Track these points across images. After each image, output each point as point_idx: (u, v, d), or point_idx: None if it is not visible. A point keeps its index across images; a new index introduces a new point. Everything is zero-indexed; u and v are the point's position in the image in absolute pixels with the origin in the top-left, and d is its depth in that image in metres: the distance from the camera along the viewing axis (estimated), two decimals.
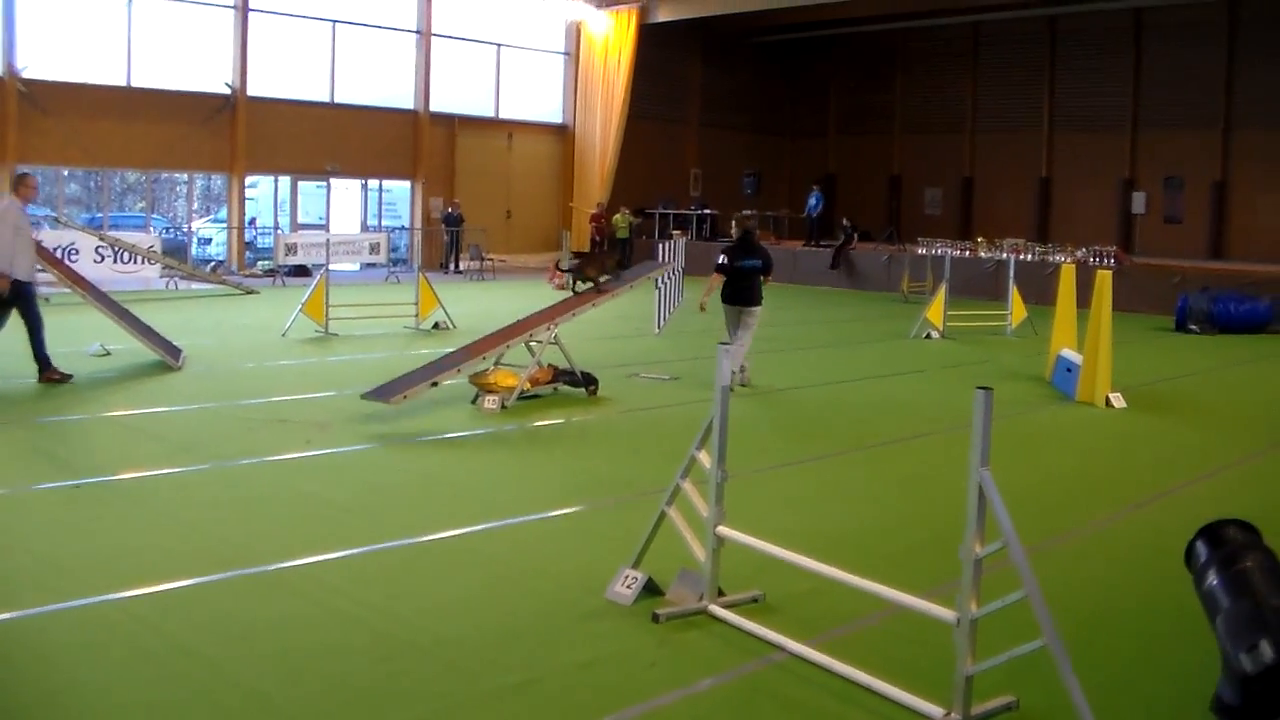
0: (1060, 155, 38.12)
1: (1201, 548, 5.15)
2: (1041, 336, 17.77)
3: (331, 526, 7.54)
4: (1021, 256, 27.00)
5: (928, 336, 19.42)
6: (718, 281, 13.84)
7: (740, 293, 13.78)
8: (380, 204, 35.93)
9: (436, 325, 18.64)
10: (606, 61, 38.08)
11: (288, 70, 32.94)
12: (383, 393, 11.03)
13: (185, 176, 34.07)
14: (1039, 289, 22.99)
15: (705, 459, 6.05)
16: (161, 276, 26.51)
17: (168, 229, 33.90)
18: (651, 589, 6.19)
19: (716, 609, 5.96)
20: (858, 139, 43.28)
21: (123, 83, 30.26)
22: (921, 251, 29.36)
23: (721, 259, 13.79)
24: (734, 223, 14.98)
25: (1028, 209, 38.25)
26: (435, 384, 11.25)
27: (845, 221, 33.79)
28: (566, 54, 39.30)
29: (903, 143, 42.14)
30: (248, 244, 33.00)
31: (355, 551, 6.96)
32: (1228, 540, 5.08)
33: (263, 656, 5.40)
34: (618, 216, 34.96)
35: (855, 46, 42.52)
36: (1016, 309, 20.30)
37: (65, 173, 32.07)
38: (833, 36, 41.69)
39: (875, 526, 8.00)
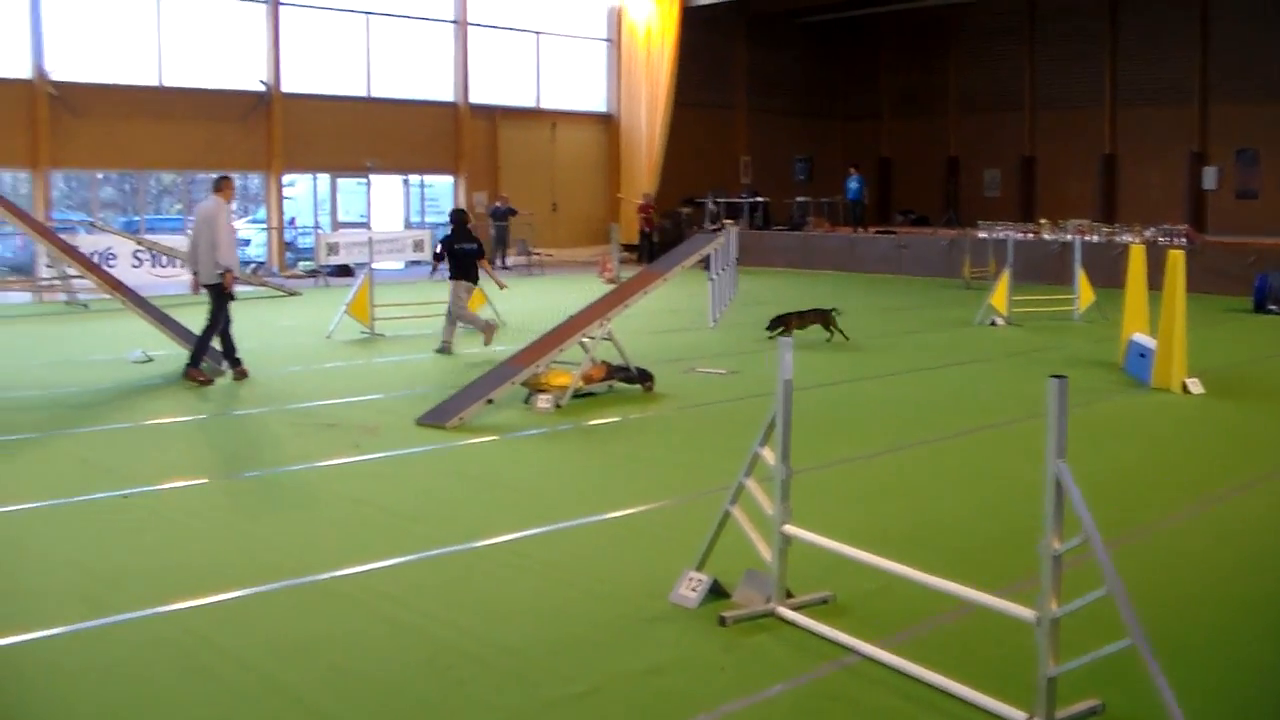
0: (1125, 130, 37.75)
1: None
2: (1111, 321, 17.61)
3: (385, 533, 7.58)
4: (1087, 238, 26.73)
5: (992, 323, 19.29)
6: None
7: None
8: (422, 200, 36.08)
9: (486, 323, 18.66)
10: (649, 47, 38.04)
11: (323, 65, 33.14)
12: (438, 415, 11.04)
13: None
14: (1107, 271, 22.74)
15: (769, 455, 6.03)
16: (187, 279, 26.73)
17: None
18: (717, 591, 6.18)
19: (785, 611, 5.95)
20: (912, 120, 43.10)
21: (155, 82, 30.53)
22: (983, 235, 29.14)
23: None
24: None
25: (1092, 188, 37.93)
26: (491, 400, 11.26)
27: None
28: (609, 40, 39.31)
29: (959, 123, 41.89)
30: (288, 244, 33.21)
31: (410, 559, 6.99)
32: None
33: (319, 669, 5.43)
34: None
35: (905, 24, 42.29)
36: (1084, 293, 20.12)
37: (99, 176, 32.35)
38: (882, 14, 41.49)
39: (944, 522, 7.95)
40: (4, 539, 7.54)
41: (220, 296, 13.59)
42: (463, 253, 16.48)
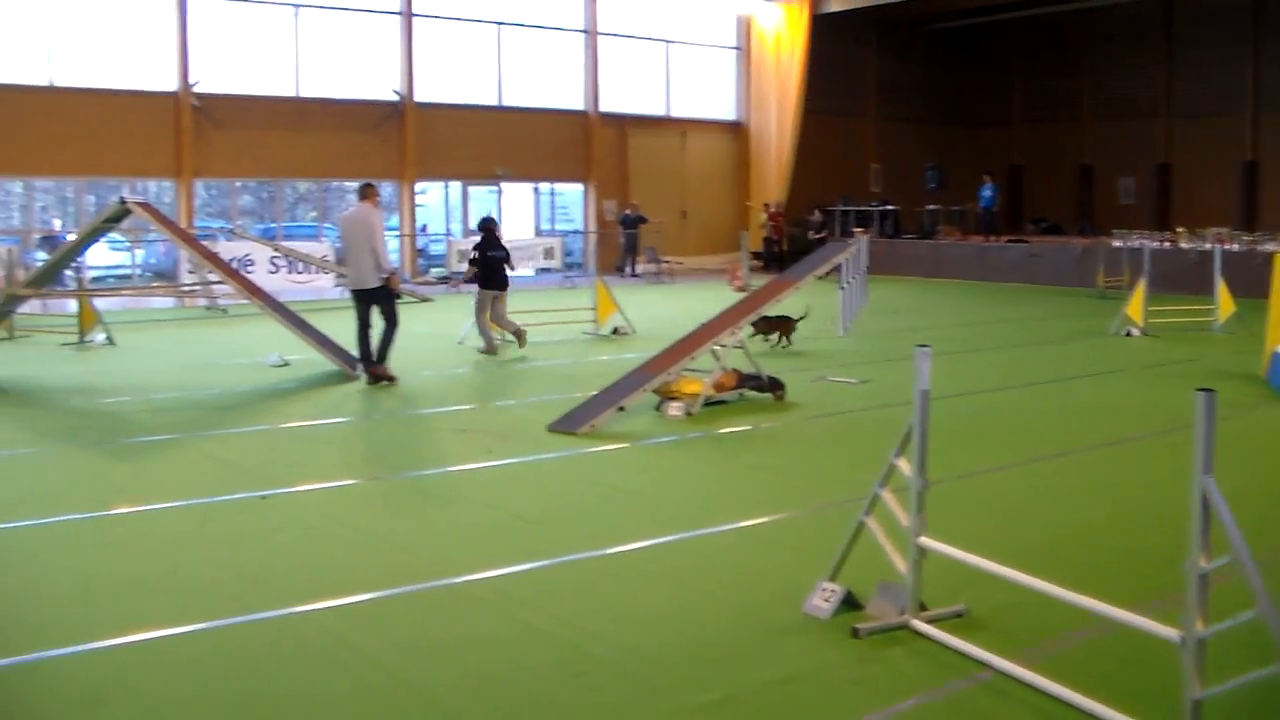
0: (1268, 136, 36.69)
1: None
2: (1254, 332, 17.11)
3: (517, 538, 7.63)
4: (1227, 246, 26.04)
5: (1128, 334, 18.86)
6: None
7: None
8: (553, 208, 36.35)
9: (616, 330, 18.78)
10: (779, 55, 37.93)
11: (455, 75, 33.55)
12: (569, 423, 11.09)
13: (354, 185, 34.89)
14: (1248, 281, 22.10)
15: (905, 467, 5.96)
16: (335, 286, 27.17)
17: (340, 238, 34.70)
18: (850, 602, 6.12)
19: (919, 624, 5.86)
20: (1044, 127, 42.37)
21: (292, 93, 31.16)
22: (1117, 244, 28.56)
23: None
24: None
25: (1232, 195, 36.87)
26: (622, 408, 11.28)
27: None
28: (738, 49, 39.27)
29: (1093, 129, 41.08)
30: (420, 251, 33.67)
31: (542, 564, 7.02)
32: None
33: (452, 671, 5.48)
34: (763, 215, 34.78)
35: (1038, 29, 41.55)
36: (1224, 303, 19.57)
37: (238, 184, 33.09)
38: (1013, 20, 40.79)
39: (1081, 537, 7.77)
40: (150, 537, 7.74)
41: (389, 297, 14.13)
42: (494, 260, 16.96)
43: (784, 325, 17.10)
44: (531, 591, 6.55)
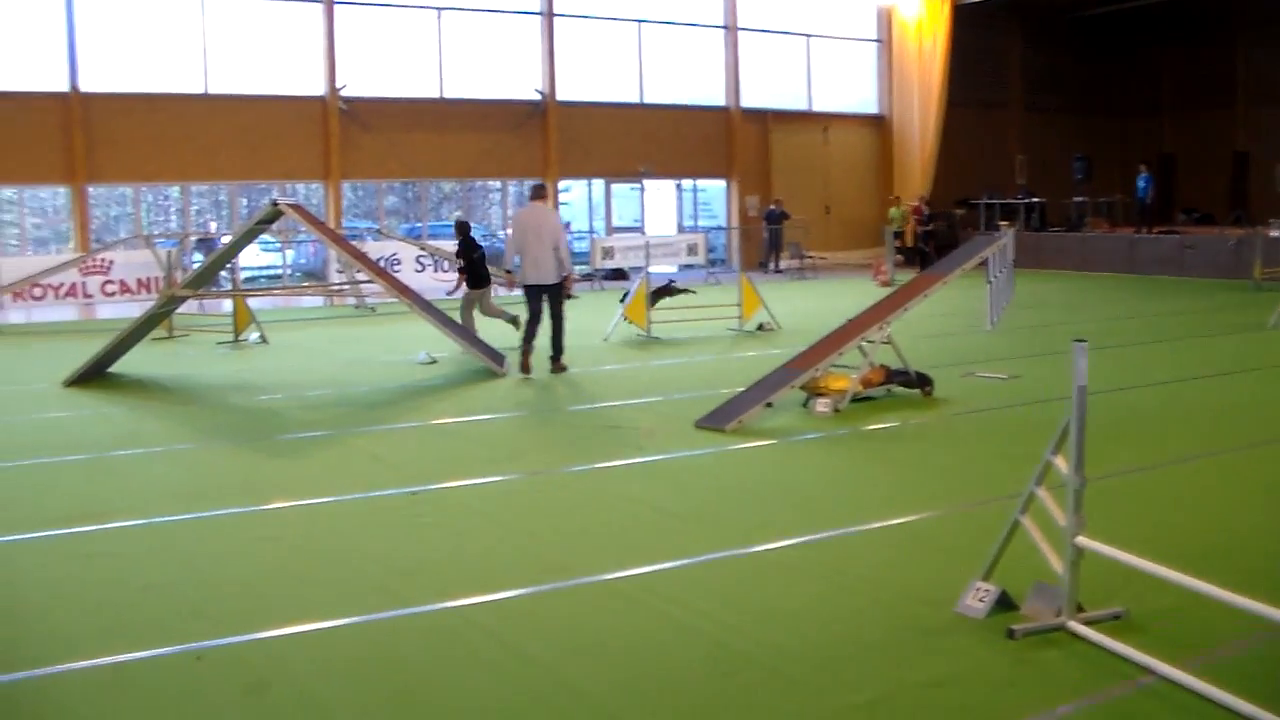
0: None
1: None
2: None
3: (666, 534, 7.64)
4: None
5: None
6: None
7: None
8: (695, 204, 36.35)
9: (761, 326, 18.70)
10: (920, 46, 37.42)
11: (596, 73, 33.71)
12: (717, 419, 11.05)
13: (499, 184, 35.27)
14: None
15: (1061, 464, 5.82)
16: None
17: (484, 237, 35.15)
18: (1004, 603, 5.99)
19: (1076, 626, 5.72)
20: (1195, 115, 41.13)
21: (435, 95, 31.59)
22: (1275, 234, 27.65)
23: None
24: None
25: None
26: (770, 405, 11.23)
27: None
28: (879, 41, 38.86)
29: (1248, 116, 39.76)
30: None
31: (691, 561, 7.01)
32: None
33: (604, 667, 5.49)
34: (892, 210, 34.33)
35: (1188, 14, 40.19)
36: None
37: (384, 185, 33.63)
38: (1162, 4, 39.63)
39: (1243, 538, 7.51)
40: (306, 531, 7.90)
41: (562, 294, 14.66)
42: (478, 259, 17.48)
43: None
44: (681, 588, 6.54)
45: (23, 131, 27.88)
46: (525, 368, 14.42)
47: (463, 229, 17.87)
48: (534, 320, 14.62)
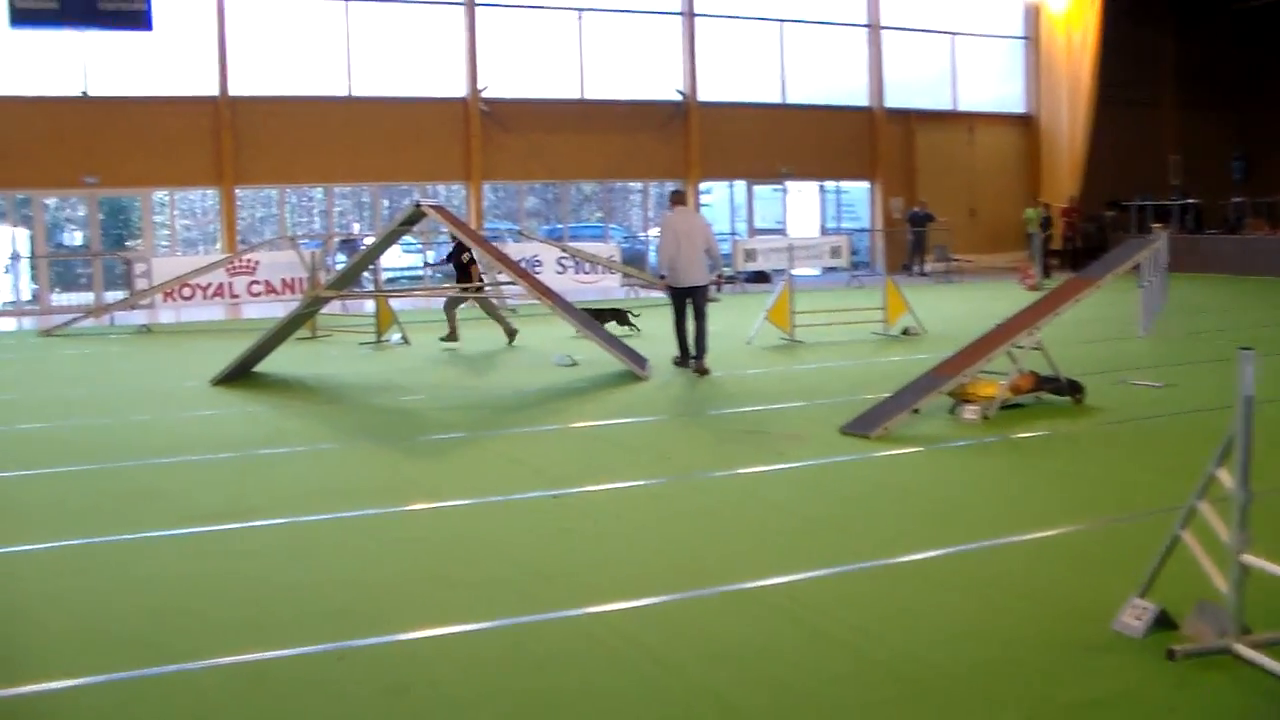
0: None
1: None
2: None
3: (810, 542, 7.54)
4: None
5: None
6: None
7: None
8: (838, 206, 36.09)
9: (906, 331, 18.49)
10: (1070, 43, 36.67)
11: (738, 73, 33.66)
12: (863, 425, 10.91)
13: (640, 185, 35.37)
14: None
15: (1225, 478, 5.61)
16: (622, 286, 27.59)
17: (626, 238, 35.27)
18: (1163, 622, 5.78)
19: (1243, 649, 5.48)
20: None
21: (576, 96, 31.79)
22: None
23: None
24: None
25: None
26: (916, 411, 11.07)
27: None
28: (1026, 38, 38.20)
29: None
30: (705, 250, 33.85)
31: (835, 570, 6.91)
32: None
33: (746, 676, 5.41)
34: (1028, 210, 33.61)
35: None
36: None
37: (524, 186, 33.91)
38: None
39: None
40: (446, 533, 7.96)
41: (705, 296, 15.04)
42: (470, 260, 18.60)
43: (618, 316, 18.99)
44: (824, 598, 6.44)
45: (175, 135, 28.73)
46: (702, 370, 14.89)
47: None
48: (681, 320, 15.06)
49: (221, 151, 29.03)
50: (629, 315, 19.29)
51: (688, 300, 14.96)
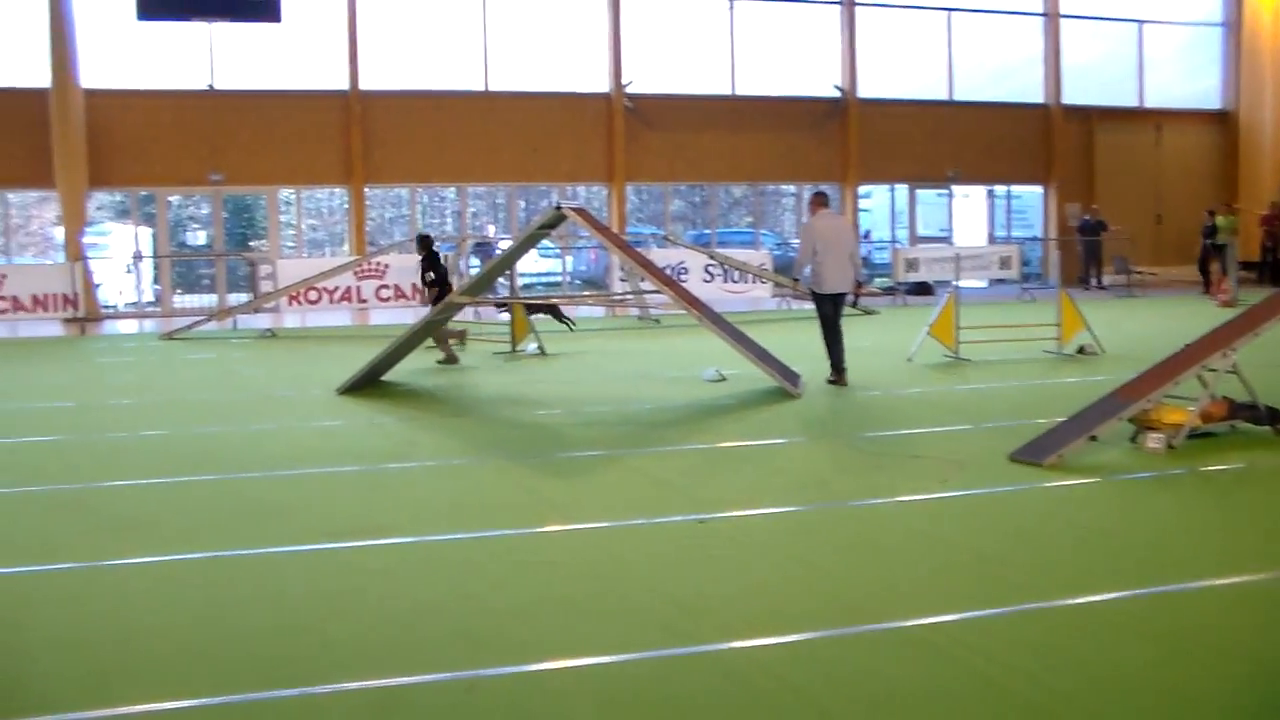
0: None
1: None
2: None
3: (974, 579, 7.43)
4: None
5: None
6: None
7: None
8: (1008, 212, 35.62)
9: (1082, 349, 18.14)
10: (1277, 28, 35.67)
11: (901, 67, 33.42)
12: (1034, 452, 10.73)
13: (793, 188, 35.25)
14: None
15: None
16: (773, 296, 27.51)
17: (777, 245, 35.18)
18: None
19: None
20: None
21: (727, 92, 31.78)
22: None
23: None
24: None
25: None
26: (1094, 438, 10.86)
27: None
28: (1224, 24, 37.26)
29: None
30: (863, 260, 33.67)
31: (1004, 610, 6.78)
32: None
33: None
34: (1220, 219, 32.76)
35: None
36: None
37: (670, 188, 34.00)
38: None
39: None
40: (583, 557, 8.00)
41: (842, 304, 15.58)
42: (446, 273, 19.22)
43: (553, 311, 20.74)
44: (990, 640, 6.33)
45: (303, 131, 29.38)
46: (843, 381, 15.32)
47: (425, 243, 18.91)
48: (828, 329, 15.42)
49: (351, 149, 29.61)
50: (562, 311, 20.79)
51: (834, 307, 15.46)
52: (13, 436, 13.09)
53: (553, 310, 20.78)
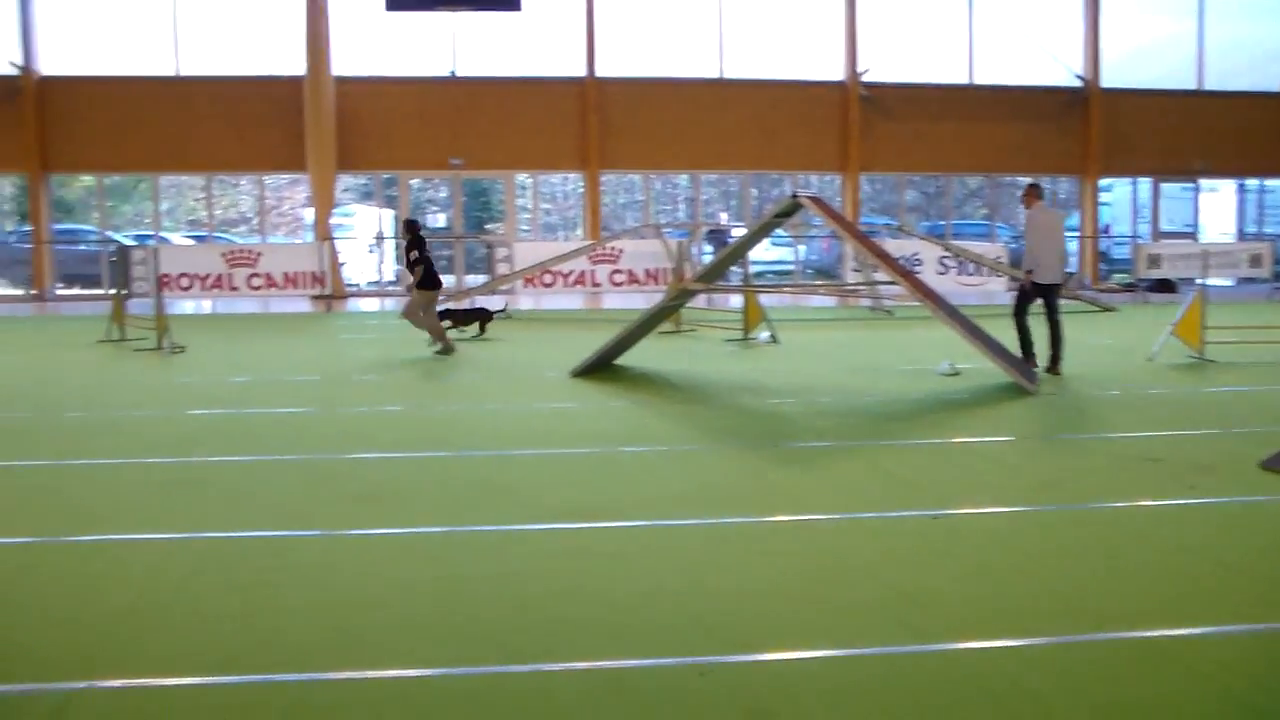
0: None
1: None
2: None
3: (1224, 591, 7.12)
4: None
5: None
6: None
7: None
8: (1260, 207, 34.34)
9: None
10: None
11: (1146, 55, 32.45)
12: None
13: (1030, 180, 34.49)
14: None
15: None
16: (1009, 290, 27.01)
17: (1014, 238, 34.51)
18: None
19: None
20: None
21: (964, 81, 31.26)
22: None
23: None
24: None
25: None
26: None
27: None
28: None
29: None
30: (1102, 255, 32.82)
31: (1253, 627, 6.47)
32: None
33: None
34: None
35: None
36: None
37: (904, 178, 33.61)
38: None
39: None
40: (812, 548, 7.94)
41: (1058, 295, 16.00)
42: (432, 260, 18.75)
43: (482, 317, 20.75)
44: (1239, 657, 6.08)
45: (540, 117, 29.89)
46: (1056, 371, 15.80)
47: (411, 228, 18.75)
48: (1024, 316, 16.25)
49: (587, 135, 29.98)
50: (490, 318, 21.02)
51: (1039, 298, 15.99)
52: (274, 407, 13.77)
53: (482, 316, 21.10)
